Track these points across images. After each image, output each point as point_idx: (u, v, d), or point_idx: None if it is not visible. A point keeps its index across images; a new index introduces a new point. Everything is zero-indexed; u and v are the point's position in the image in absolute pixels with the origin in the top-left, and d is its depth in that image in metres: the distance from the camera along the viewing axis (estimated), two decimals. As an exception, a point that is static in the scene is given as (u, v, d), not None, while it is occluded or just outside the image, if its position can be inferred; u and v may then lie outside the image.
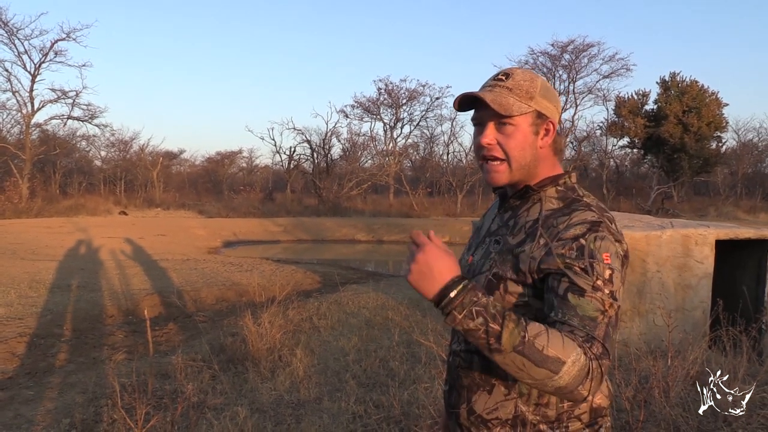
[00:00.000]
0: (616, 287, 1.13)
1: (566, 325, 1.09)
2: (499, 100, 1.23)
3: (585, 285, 1.11)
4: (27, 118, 29.38)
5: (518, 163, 1.26)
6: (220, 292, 9.10)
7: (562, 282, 1.13)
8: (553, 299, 1.14)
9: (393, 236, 21.84)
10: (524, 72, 1.29)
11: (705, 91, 29.13)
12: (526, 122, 1.25)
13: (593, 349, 1.06)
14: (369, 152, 38.05)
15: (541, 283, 1.18)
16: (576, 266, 1.13)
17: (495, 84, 1.27)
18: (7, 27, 27.64)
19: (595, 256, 1.13)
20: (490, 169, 1.28)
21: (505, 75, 1.28)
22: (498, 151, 1.26)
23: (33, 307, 7.36)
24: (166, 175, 41.73)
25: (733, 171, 38.08)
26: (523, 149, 1.26)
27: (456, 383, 1.34)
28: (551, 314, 1.13)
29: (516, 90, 1.25)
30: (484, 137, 1.26)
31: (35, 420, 3.91)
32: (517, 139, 1.25)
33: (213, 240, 19.34)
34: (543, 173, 1.30)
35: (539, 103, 1.26)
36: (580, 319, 1.09)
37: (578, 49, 30.91)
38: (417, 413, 3.53)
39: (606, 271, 1.13)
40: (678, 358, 3.63)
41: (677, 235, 4.99)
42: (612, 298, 1.12)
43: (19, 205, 25.65)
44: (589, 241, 1.14)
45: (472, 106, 1.30)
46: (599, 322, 1.09)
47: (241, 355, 5.04)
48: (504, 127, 1.25)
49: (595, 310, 1.10)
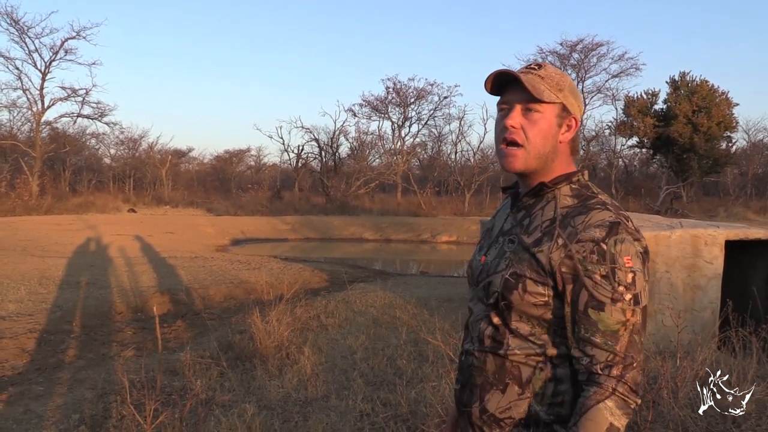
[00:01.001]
0: (639, 288, 1.16)
1: (588, 345, 1.16)
2: (533, 83, 1.25)
3: (604, 298, 1.14)
4: (37, 116, 29.61)
5: (537, 151, 1.26)
6: (228, 290, 9.14)
7: (581, 295, 1.16)
8: (574, 314, 1.17)
9: (400, 235, 21.84)
10: (555, 67, 1.32)
11: (715, 90, 28.91)
12: (552, 112, 1.27)
13: (613, 374, 1.13)
14: (377, 151, 38.05)
15: (562, 284, 1.19)
16: (597, 274, 1.15)
17: (528, 71, 1.29)
18: (18, 25, 27.94)
19: (616, 261, 1.15)
20: (508, 153, 1.27)
21: (537, 65, 1.30)
22: (520, 136, 1.26)
23: (43, 303, 7.41)
24: (175, 173, 41.91)
25: (743, 171, 37.80)
26: (545, 138, 1.27)
27: (468, 382, 1.33)
28: (574, 328, 1.18)
29: (547, 79, 1.27)
30: (509, 119, 1.26)
31: (45, 415, 3.94)
32: (542, 126, 1.26)
33: (221, 238, 19.41)
34: (558, 170, 1.30)
35: (567, 98, 1.28)
36: (602, 334, 1.14)
37: (587, 49, 30.81)
38: (424, 412, 3.53)
39: (628, 275, 1.15)
40: (687, 358, 3.61)
41: (687, 235, 4.96)
42: (635, 304, 1.15)
43: (29, 202, 25.84)
44: (609, 246, 1.15)
45: (501, 91, 1.31)
46: (621, 335, 1.14)
47: (249, 353, 5.06)
48: (530, 113, 1.26)
49: (616, 323, 1.14)
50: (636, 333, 1.15)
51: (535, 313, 1.22)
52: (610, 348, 1.14)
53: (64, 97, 30.38)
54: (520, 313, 1.23)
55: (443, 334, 5.10)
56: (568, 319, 1.18)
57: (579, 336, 1.17)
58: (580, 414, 1.13)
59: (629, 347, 1.14)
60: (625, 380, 1.13)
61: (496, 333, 1.27)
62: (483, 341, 1.29)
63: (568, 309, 1.18)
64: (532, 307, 1.21)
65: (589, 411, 1.12)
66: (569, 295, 1.18)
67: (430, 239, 21.19)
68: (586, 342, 1.15)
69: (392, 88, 34.60)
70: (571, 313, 1.18)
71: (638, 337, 1.15)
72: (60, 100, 30.43)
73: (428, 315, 6.65)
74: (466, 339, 1.38)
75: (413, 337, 5.51)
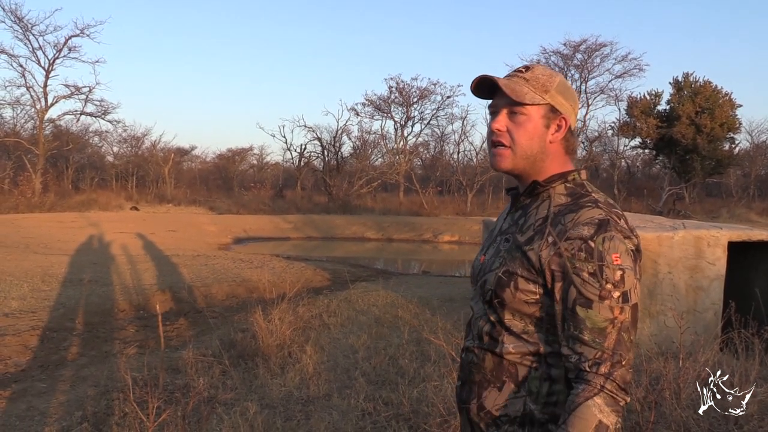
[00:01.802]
0: (628, 286, 1.16)
1: (577, 342, 1.16)
2: (513, 86, 1.28)
3: (592, 295, 1.15)
4: (41, 114, 29.62)
5: (524, 151, 1.29)
6: (230, 288, 9.15)
7: (570, 292, 1.17)
8: (563, 311, 1.19)
9: (403, 234, 21.84)
10: (545, 68, 1.33)
11: (718, 91, 28.84)
12: (538, 114, 1.29)
13: (601, 371, 1.13)
14: (379, 150, 38.03)
15: (551, 281, 1.20)
16: (585, 271, 1.15)
17: (514, 75, 1.32)
18: (22, 23, 27.91)
19: (604, 259, 1.15)
20: (496, 153, 1.32)
21: (525, 68, 1.32)
22: (506, 138, 1.30)
23: (46, 300, 7.43)
24: (178, 171, 41.91)
25: (745, 173, 37.74)
26: (531, 139, 1.29)
27: (468, 379, 1.35)
28: (563, 325, 1.18)
29: (532, 81, 1.29)
30: (495, 122, 1.30)
31: (48, 412, 3.96)
32: (527, 128, 1.28)
33: (223, 236, 19.42)
34: (552, 169, 1.31)
35: (554, 98, 1.29)
36: (590, 331, 1.15)
37: (591, 49, 30.74)
38: (426, 411, 3.53)
39: (616, 273, 1.15)
40: (689, 359, 3.61)
41: (689, 236, 4.96)
42: (623, 301, 1.15)
43: (32, 199, 25.88)
44: (597, 243, 1.16)
45: (491, 94, 1.34)
46: (608, 333, 1.14)
47: (251, 351, 5.07)
48: (516, 116, 1.29)
49: (603, 320, 1.15)
50: (625, 331, 1.15)
51: (527, 311, 1.23)
52: (598, 345, 1.14)
53: (68, 94, 30.39)
54: (512, 310, 1.25)
55: (445, 333, 5.11)
56: (558, 316, 1.20)
57: (568, 333, 1.18)
58: (569, 411, 1.14)
59: (617, 345, 1.14)
60: (614, 378, 1.13)
61: (493, 330, 1.29)
62: (482, 338, 1.31)
63: (558, 307, 1.19)
64: (524, 305, 1.23)
65: (578, 408, 1.12)
66: (558, 292, 1.19)
67: (432, 239, 21.18)
68: (574, 339, 1.16)
69: (395, 88, 34.56)
70: (561, 311, 1.19)
71: (627, 335, 1.15)
72: (63, 98, 30.43)
73: (430, 314, 6.65)
74: (468, 336, 1.41)
75: (415, 336, 5.51)
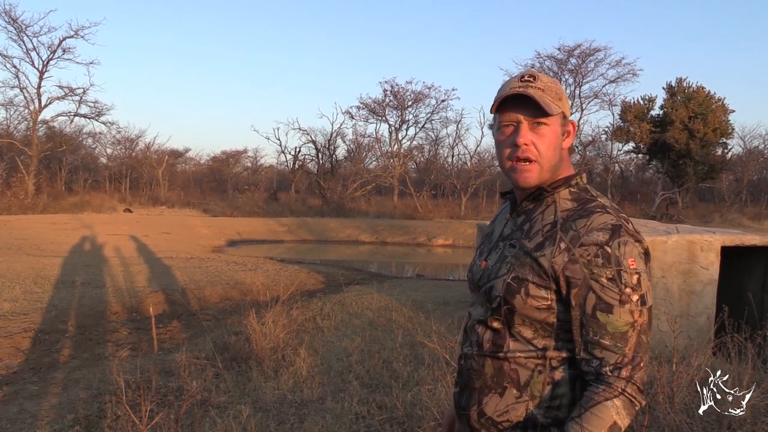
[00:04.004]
0: (644, 289, 1.18)
1: (597, 347, 1.16)
2: (541, 98, 1.24)
3: (612, 300, 1.15)
4: (34, 115, 29.52)
5: (549, 163, 1.26)
6: (224, 291, 9.12)
7: (588, 298, 1.17)
8: (582, 317, 1.18)
9: (397, 238, 21.83)
10: (546, 75, 1.31)
11: (711, 97, 29.04)
12: (556, 123, 1.27)
13: (622, 375, 1.14)
14: (374, 154, 38.14)
15: (566, 288, 1.19)
16: (603, 277, 1.16)
17: (527, 85, 1.26)
18: (16, 24, 27.88)
19: (622, 263, 1.16)
20: (522, 169, 1.26)
21: (531, 77, 1.28)
22: (533, 152, 1.25)
23: (38, 302, 7.38)
24: (171, 173, 41.83)
25: (738, 178, 37.99)
26: (555, 150, 1.27)
27: (467, 385, 1.34)
28: (582, 331, 1.18)
29: (548, 91, 1.26)
30: (521, 137, 1.25)
31: (39, 415, 3.93)
32: (551, 139, 1.26)
33: (217, 239, 19.38)
34: (561, 175, 1.31)
35: (565, 105, 1.29)
36: (611, 336, 1.15)
37: (585, 54, 30.92)
38: (420, 414, 3.52)
39: (633, 277, 1.16)
40: (682, 364, 3.62)
41: (682, 240, 4.98)
42: (641, 304, 1.17)
43: (25, 201, 25.76)
44: (613, 249, 1.16)
45: (501, 107, 1.29)
46: (629, 336, 1.16)
47: (244, 354, 5.05)
48: (539, 127, 1.25)
49: (624, 324, 1.15)
50: (643, 333, 1.17)
51: (538, 317, 1.22)
52: (620, 350, 1.15)
53: (62, 96, 30.35)
54: (522, 317, 1.23)
55: (439, 337, 5.10)
56: (575, 322, 1.19)
57: (587, 339, 1.17)
58: (586, 407, 1.14)
59: (637, 348, 1.16)
60: (634, 381, 1.15)
61: (497, 337, 1.27)
62: (482, 345, 1.30)
63: (575, 312, 1.19)
64: (535, 311, 1.22)
65: (596, 406, 1.13)
66: (575, 298, 1.18)
67: (425, 242, 21.19)
68: (594, 344, 1.17)
69: (390, 91, 34.70)
70: (579, 317, 1.18)
71: (645, 337, 1.17)
72: (57, 99, 30.39)
73: (424, 318, 6.64)
74: (465, 343, 1.39)
75: (409, 339, 5.50)
